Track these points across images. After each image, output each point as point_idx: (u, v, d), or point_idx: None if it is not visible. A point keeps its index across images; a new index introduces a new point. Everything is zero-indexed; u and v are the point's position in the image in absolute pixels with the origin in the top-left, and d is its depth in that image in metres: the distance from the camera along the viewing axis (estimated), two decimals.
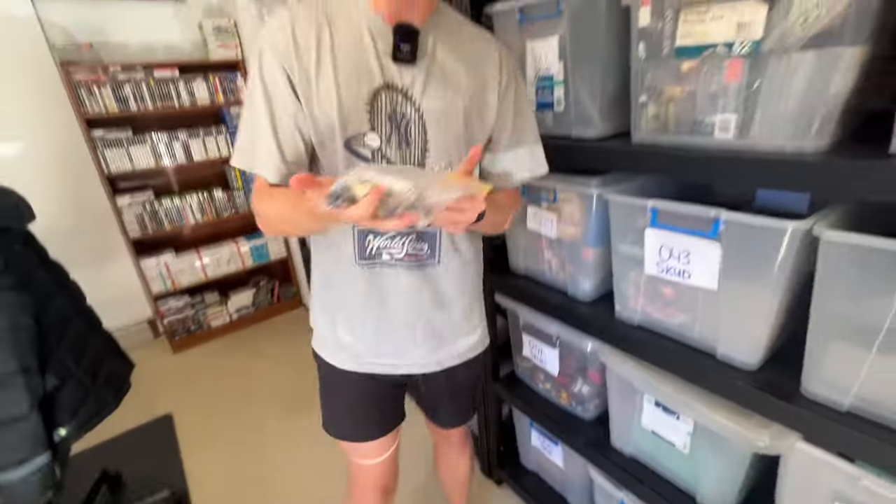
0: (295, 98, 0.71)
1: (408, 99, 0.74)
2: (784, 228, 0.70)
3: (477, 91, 0.78)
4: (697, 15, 0.72)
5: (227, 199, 2.85)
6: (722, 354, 0.86)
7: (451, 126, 0.77)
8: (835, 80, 0.63)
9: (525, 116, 0.86)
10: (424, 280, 0.86)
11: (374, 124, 0.74)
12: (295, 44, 0.70)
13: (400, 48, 0.71)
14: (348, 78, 0.71)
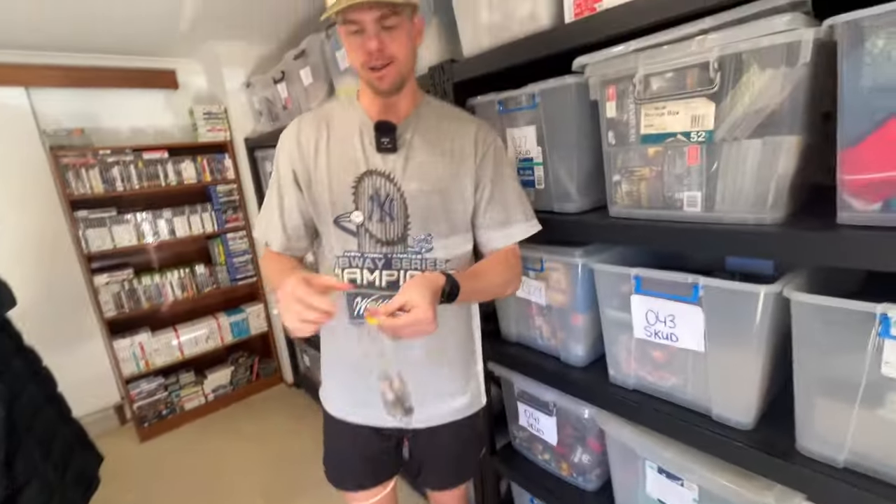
0: (298, 189, 0.94)
1: (391, 181, 0.89)
2: (757, 292, 0.76)
3: (454, 170, 0.90)
4: (656, 109, 0.83)
5: (209, 275, 2.82)
6: (717, 415, 0.88)
7: (430, 202, 0.89)
8: (781, 162, 0.73)
9: (504, 183, 0.94)
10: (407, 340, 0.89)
11: (357, 204, 0.90)
12: (299, 147, 0.93)
13: (381, 141, 0.89)
14: (338, 168, 0.91)
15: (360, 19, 0.78)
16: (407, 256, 0.91)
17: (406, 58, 0.84)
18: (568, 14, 0.92)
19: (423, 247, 0.91)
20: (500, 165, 0.95)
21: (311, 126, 0.93)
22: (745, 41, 0.69)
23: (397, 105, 0.90)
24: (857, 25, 0.60)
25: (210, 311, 2.94)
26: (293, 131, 0.94)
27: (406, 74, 0.86)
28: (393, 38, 0.80)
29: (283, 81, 2.24)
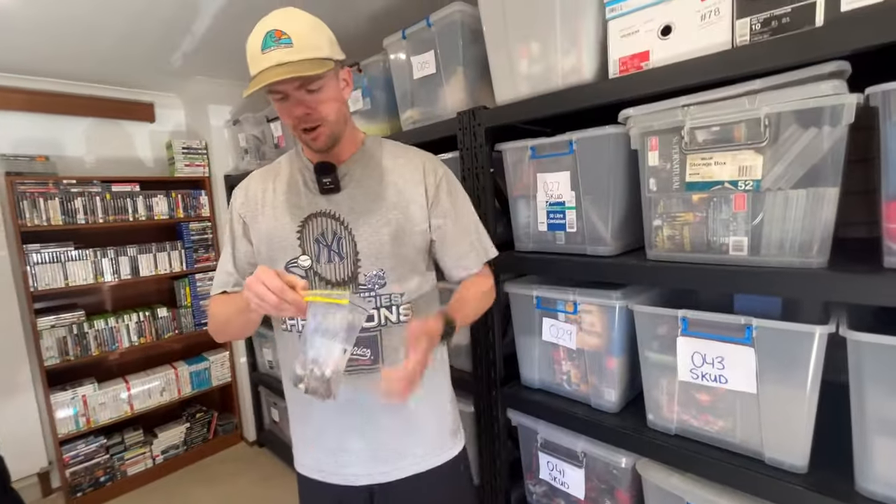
0: (248, 242, 0.95)
1: (337, 221, 0.88)
2: (812, 332, 0.79)
3: (404, 203, 0.89)
4: (702, 160, 0.89)
5: (172, 318, 2.58)
6: (770, 459, 0.88)
7: (380, 238, 0.87)
8: (824, 211, 0.79)
9: (460, 215, 0.94)
10: (367, 387, 0.88)
11: (304, 248, 0.89)
12: (247, 199, 0.94)
13: (323, 181, 0.87)
14: (282, 214, 0.90)
15: (282, 89, 0.78)
16: (359, 295, 0.88)
17: (336, 116, 0.83)
18: (613, 70, 0.98)
19: (375, 283, 0.88)
20: (454, 196, 0.94)
21: (260, 180, 0.95)
22: (792, 102, 0.77)
23: (338, 151, 0.89)
24: None
25: (168, 359, 2.66)
26: (243, 186, 0.97)
27: (339, 130, 0.86)
28: (319, 100, 0.80)
29: (277, 120, 2.21)
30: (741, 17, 0.81)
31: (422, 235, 0.91)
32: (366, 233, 0.87)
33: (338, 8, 1.78)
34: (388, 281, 0.89)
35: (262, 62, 0.76)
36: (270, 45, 0.75)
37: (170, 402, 2.55)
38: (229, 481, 2.47)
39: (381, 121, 1.66)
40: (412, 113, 1.50)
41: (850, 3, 0.71)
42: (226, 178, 2.67)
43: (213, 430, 2.77)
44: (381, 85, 1.62)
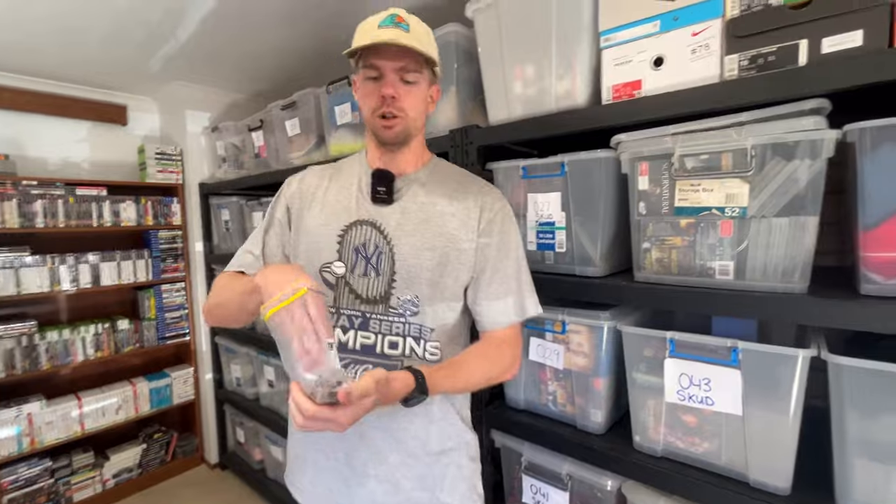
0: (287, 229, 0.91)
1: (381, 233, 0.84)
2: (796, 355, 0.82)
3: (454, 233, 0.84)
4: (691, 186, 0.92)
5: (134, 331, 2.43)
6: (755, 481, 0.89)
7: (421, 262, 0.82)
8: (806, 238, 0.83)
9: (508, 257, 0.87)
10: (377, 418, 0.81)
11: (341, 254, 0.85)
12: (300, 190, 0.92)
13: (377, 189, 0.85)
14: (329, 214, 0.87)
15: (381, 66, 0.79)
16: (388, 319, 0.83)
17: (416, 115, 0.84)
18: (606, 96, 1.02)
19: (407, 309, 0.83)
20: (506, 236, 0.88)
21: (316, 175, 0.94)
22: (777, 135, 0.81)
23: (401, 160, 0.88)
24: (875, 131, 0.73)
25: (127, 374, 2.50)
26: (298, 177, 0.95)
27: (413, 131, 0.85)
28: (409, 92, 0.81)
29: (260, 129, 2.17)
30: (730, 53, 0.86)
31: (466, 270, 0.85)
32: (407, 253, 0.82)
33: (332, 21, 1.78)
34: (422, 310, 0.83)
35: (377, 34, 0.77)
36: (389, 24, 0.77)
37: (126, 422, 2.39)
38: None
39: (350, 130, 1.65)
40: None
41: (830, 47, 0.76)
42: (200, 186, 2.58)
43: (171, 451, 2.60)
44: None
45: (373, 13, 0.82)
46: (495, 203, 0.88)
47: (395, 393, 0.70)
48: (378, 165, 0.88)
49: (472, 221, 0.85)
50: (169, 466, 2.57)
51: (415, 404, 0.74)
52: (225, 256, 2.48)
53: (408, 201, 0.86)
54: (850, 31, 0.75)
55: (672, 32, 0.92)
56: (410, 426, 0.85)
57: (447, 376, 0.78)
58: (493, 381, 0.87)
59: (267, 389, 2.26)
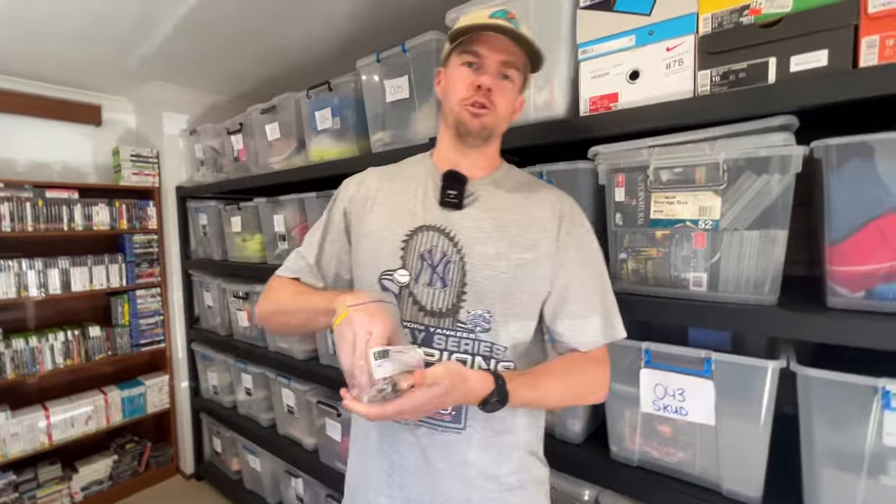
0: (346, 235, 0.87)
1: (450, 240, 0.77)
2: (765, 366, 0.83)
3: (530, 243, 0.77)
4: (666, 198, 0.94)
5: (106, 338, 2.36)
6: (728, 490, 0.90)
7: (496, 274, 0.75)
8: (775, 251, 0.84)
9: (588, 280, 0.79)
10: (442, 447, 0.76)
11: (405, 261, 0.78)
12: (358, 193, 0.87)
13: (447, 192, 0.79)
14: (391, 221, 0.81)
15: (485, 54, 0.75)
16: (455, 335, 0.75)
17: (504, 113, 0.79)
18: (583, 108, 1.02)
19: (478, 324, 0.75)
20: (588, 247, 0.81)
21: (377, 177, 0.88)
22: (748, 150, 0.83)
23: (475, 161, 0.82)
24: (842, 148, 0.75)
25: (98, 383, 2.42)
26: (357, 178, 0.90)
27: (497, 130, 0.80)
28: (503, 88, 0.77)
29: (239, 133, 2.13)
30: (703, 68, 0.87)
31: (543, 284, 0.78)
32: (479, 264, 0.75)
33: (312, 25, 1.76)
34: (494, 327, 0.76)
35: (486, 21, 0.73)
36: (501, 16, 0.73)
37: (96, 432, 2.31)
38: None
39: (349, 140, 1.63)
40: (383, 135, 1.49)
41: (798, 65, 0.78)
42: (177, 189, 2.53)
43: (144, 462, 2.52)
44: (352, 105, 1.60)
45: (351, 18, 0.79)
46: (575, 212, 0.82)
47: (471, 390, 0.65)
48: (449, 167, 0.81)
49: (550, 231, 0.78)
50: (142, 478, 2.49)
51: (493, 409, 0.67)
52: (203, 262, 2.43)
53: (480, 207, 0.79)
54: (816, 50, 0.77)
55: (647, 47, 0.94)
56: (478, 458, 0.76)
57: (529, 385, 0.71)
58: (579, 401, 0.82)
59: (245, 397, 2.21)
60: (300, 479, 1.92)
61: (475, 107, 0.75)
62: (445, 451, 0.75)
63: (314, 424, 1.81)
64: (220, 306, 2.34)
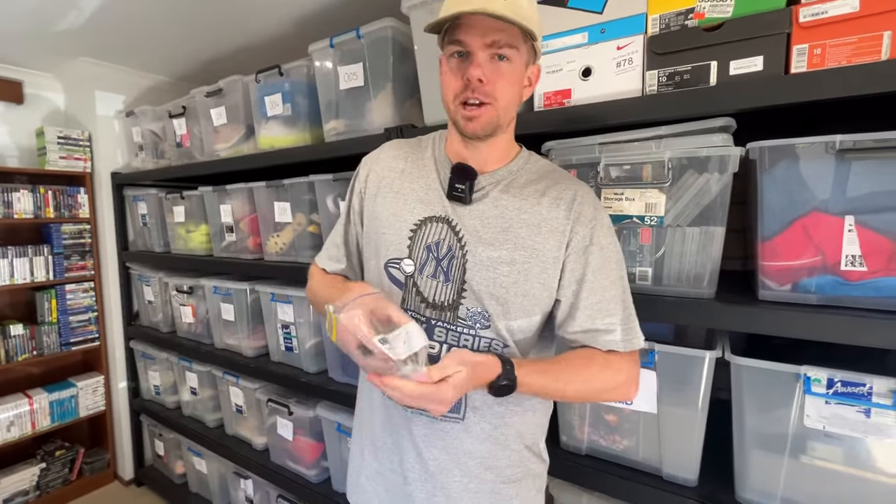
0: (360, 219, 0.87)
1: (456, 235, 0.74)
2: (703, 356, 0.88)
3: (539, 244, 0.72)
4: (615, 194, 0.96)
5: (30, 337, 2.16)
6: (667, 474, 0.95)
7: (497, 275, 0.71)
8: (714, 247, 0.89)
9: (603, 278, 0.73)
10: (439, 436, 0.76)
11: (411, 251, 0.76)
12: (374, 173, 0.84)
13: (455, 186, 0.75)
14: (402, 207, 0.79)
15: (468, 42, 0.67)
16: (455, 330, 0.74)
17: (507, 103, 0.71)
18: (538, 103, 1.03)
19: (477, 321, 0.73)
20: (606, 252, 0.73)
21: (394, 155, 0.85)
22: (690, 149, 0.86)
23: (486, 154, 0.76)
24: (774, 150, 0.80)
25: (22, 385, 2.22)
26: (374, 156, 0.87)
27: (502, 122, 0.73)
28: (500, 73, 0.68)
29: (182, 117, 1.99)
30: (650, 69, 0.90)
31: (547, 291, 0.73)
32: (479, 264, 0.72)
33: (264, 7, 1.67)
34: (493, 325, 0.73)
35: (462, 2, 0.64)
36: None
37: (19, 440, 2.11)
38: None
39: (301, 129, 1.57)
40: (336, 124, 1.44)
41: (736, 69, 0.82)
42: (113, 175, 2.34)
43: (77, 469, 2.34)
44: (304, 91, 1.53)
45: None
46: (593, 213, 0.74)
47: (480, 375, 0.64)
48: (458, 159, 0.77)
49: (562, 235, 0.72)
50: (75, 486, 2.31)
51: (501, 393, 0.66)
52: (143, 254, 2.27)
53: (489, 204, 0.74)
54: (753, 56, 0.80)
55: (599, 45, 0.95)
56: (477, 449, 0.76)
57: (539, 372, 0.68)
58: (599, 397, 0.78)
59: (189, 397, 2.09)
60: (250, 479, 1.85)
61: (468, 108, 0.70)
62: (445, 440, 0.76)
63: (264, 423, 1.75)
64: (161, 301, 2.20)
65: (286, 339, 1.67)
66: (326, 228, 1.47)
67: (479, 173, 0.76)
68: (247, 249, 1.79)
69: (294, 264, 1.59)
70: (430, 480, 0.77)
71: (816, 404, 0.78)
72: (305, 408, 1.57)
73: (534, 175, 0.78)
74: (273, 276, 1.78)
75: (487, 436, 0.76)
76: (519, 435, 0.79)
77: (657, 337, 0.96)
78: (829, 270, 0.79)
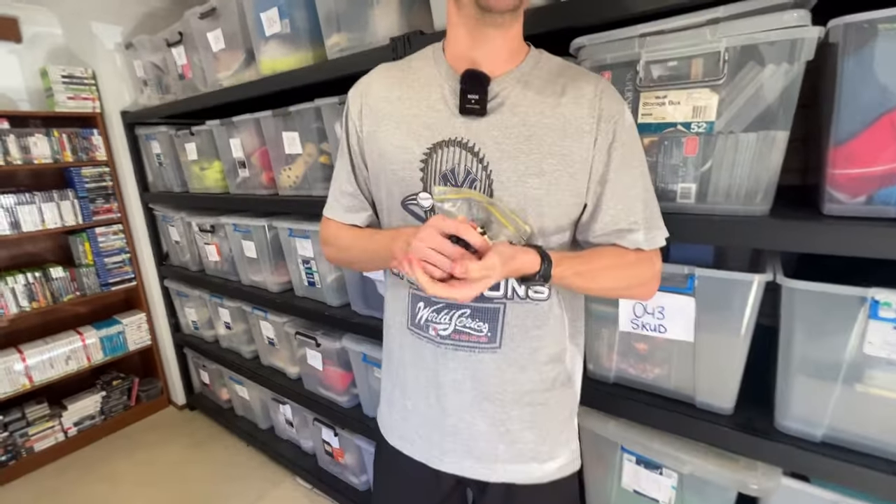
0: (362, 160, 0.79)
1: (475, 156, 0.67)
2: (751, 280, 0.79)
3: (566, 148, 0.67)
4: (657, 98, 0.82)
5: (71, 279, 2.26)
6: (701, 402, 0.91)
7: (526, 189, 0.67)
8: (773, 156, 0.76)
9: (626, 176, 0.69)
10: (477, 368, 0.73)
11: (426, 184, 0.70)
12: (365, 105, 0.76)
13: (467, 97, 0.66)
14: (406, 137, 0.71)
15: None
16: None
17: None
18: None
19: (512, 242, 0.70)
20: (629, 150, 0.69)
21: (384, 82, 0.76)
22: (755, 34, 0.70)
23: (498, 51, 0.68)
24: (861, 27, 0.64)
25: (72, 324, 2.36)
26: (362, 86, 0.78)
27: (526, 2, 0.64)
28: None
29: (180, 45, 1.87)
30: None
31: (578, 198, 0.70)
32: (509, 180, 0.66)
33: None
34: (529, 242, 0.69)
35: None
36: None
37: (79, 371, 2.29)
38: (156, 448, 2.31)
39: (303, 48, 1.43)
40: (338, 38, 1.30)
41: None
42: (123, 115, 2.28)
43: (134, 396, 2.56)
44: (302, 3, 1.37)
45: None
46: (616, 108, 0.68)
47: (516, 268, 0.62)
48: (464, 63, 0.68)
49: (588, 135, 0.67)
50: (134, 411, 2.54)
51: (532, 285, 0.69)
52: (164, 195, 2.26)
53: (507, 112, 0.67)
54: None
55: None
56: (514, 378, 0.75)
57: (576, 268, 0.67)
58: (627, 293, 0.78)
59: (225, 332, 2.18)
60: (288, 405, 1.96)
61: None
62: (483, 371, 0.74)
63: (295, 354, 1.80)
64: (187, 241, 2.23)
65: (308, 273, 1.66)
66: None
67: (492, 78, 0.67)
68: (261, 185, 1.74)
69: (309, 198, 1.53)
70: (469, 410, 0.76)
71: (882, 330, 0.69)
72: (332, 339, 1.60)
73: (549, 74, 0.70)
74: (289, 212, 1.74)
75: (526, 362, 0.74)
76: (557, 357, 0.77)
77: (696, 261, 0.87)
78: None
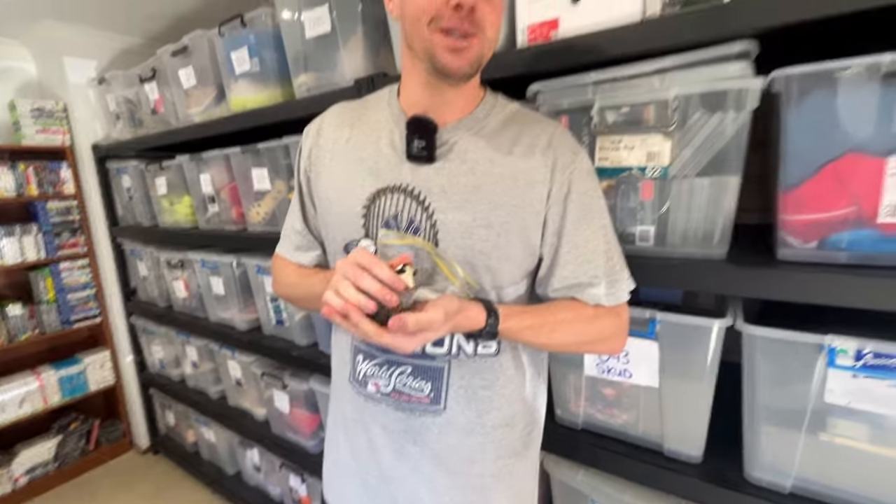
0: (310, 199, 0.77)
1: (420, 203, 0.64)
2: (710, 326, 0.78)
3: (517, 200, 0.64)
4: (612, 143, 0.83)
5: (30, 316, 2.16)
6: (669, 450, 0.88)
7: (473, 242, 0.63)
8: (726, 200, 0.76)
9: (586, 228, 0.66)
10: (419, 432, 0.68)
11: (368, 230, 0.67)
12: (315, 146, 0.74)
13: (413, 143, 0.64)
14: (350, 181, 0.69)
15: None
16: None
17: (494, 35, 0.60)
18: (521, 39, 0.88)
19: None
20: (587, 200, 0.66)
21: (335, 123, 0.74)
22: (700, 83, 0.72)
23: (452, 102, 0.65)
24: (803, 78, 0.65)
25: (29, 364, 2.24)
26: (315, 126, 0.76)
27: (484, 60, 0.62)
28: (493, 4, 0.58)
29: (153, 81, 1.86)
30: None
31: (529, 253, 0.67)
32: (454, 231, 0.63)
33: None
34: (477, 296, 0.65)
35: None
36: None
37: (33, 415, 2.16)
38: (114, 498, 2.17)
39: (272, 86, 1.43)
40: (306, 78, 1.30)
41: None
42: (94, 148, 2.24)
43: (94, 440, 2.41)
44: (271, 43, 1.38)
45: None
46: (572, 158, 0.66)
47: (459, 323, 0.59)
48: (416, 110, 0.65)
49: (541, 186, 0.64)
50: (93, 456, 2.38)
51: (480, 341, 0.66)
52: (133, 229, 2.20)
53: (455, 160, 0.64)
54: None
55: None
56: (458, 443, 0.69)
57: (527, 322, 0.64)
58: (589, 348, 0.74)
59: (192, 370, 2.09)
60: (255, 448, 1.86)
61: (451, 37, 0.57)
62: (425, 436, 0.68)
63: (263, 395, 1.73)
64: (155, 276, 2.16)
65: (276, 312, 1.61)
66: None
67: (441, 125, 0.65)
68: (230, 220, 1.71)
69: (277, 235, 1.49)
70: (410, 478, 0.70)
71: (841, 378, 0.68)
72: (299, 380, 1.54)
73: (503, 121, 0.68)
74: (258, 248, 1.70)
75: (473, 426, 0.69)
76: (508, 421, 0.71)
77: (663, 301, 0.86)
78: (864, 223, 0.66)
